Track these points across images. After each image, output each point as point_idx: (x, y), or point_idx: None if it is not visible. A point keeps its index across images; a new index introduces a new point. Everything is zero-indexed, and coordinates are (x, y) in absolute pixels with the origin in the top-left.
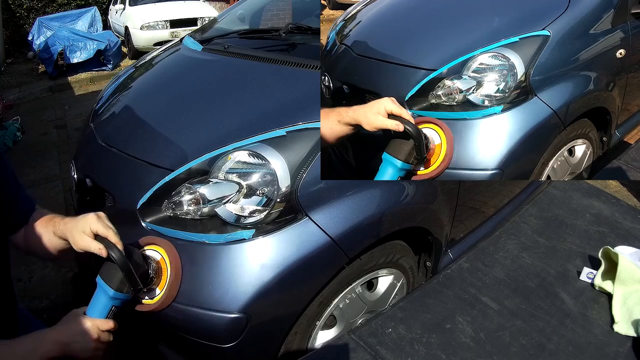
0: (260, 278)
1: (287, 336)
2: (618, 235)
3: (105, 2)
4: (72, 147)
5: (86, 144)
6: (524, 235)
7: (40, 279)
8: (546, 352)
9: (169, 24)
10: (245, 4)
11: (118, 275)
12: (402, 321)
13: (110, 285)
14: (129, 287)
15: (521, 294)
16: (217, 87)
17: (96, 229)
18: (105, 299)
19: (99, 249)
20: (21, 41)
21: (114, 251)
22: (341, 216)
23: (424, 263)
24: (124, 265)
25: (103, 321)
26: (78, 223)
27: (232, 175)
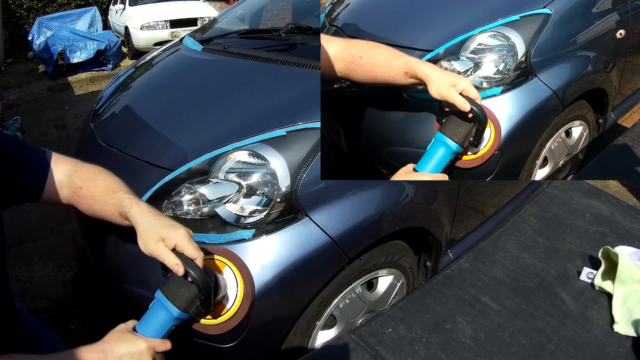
0: (260, 278)
1: (287, 336)
2: (618, 235)
3: (105, 2)
4: (72, 147)
5: (86, 144)
6: (524, 235)
7: (40, 279)
8: (546, 352)
9: (169, 24)
10: (245, 4)
11: (187, 295)
12: (402, 321)
13: (176, 305)
14: (197, 307)
15: (521, 294)
16: (217, 87)
17: (184, 248)
18: (166, 317)
19: (175, 264)
20: (21, 41)
21: (195, 271)
22: (341, 216)
23: (424, 263)
24: (205, 288)
25: (160, 342)
26: (162, 229)
27: (232, 175)
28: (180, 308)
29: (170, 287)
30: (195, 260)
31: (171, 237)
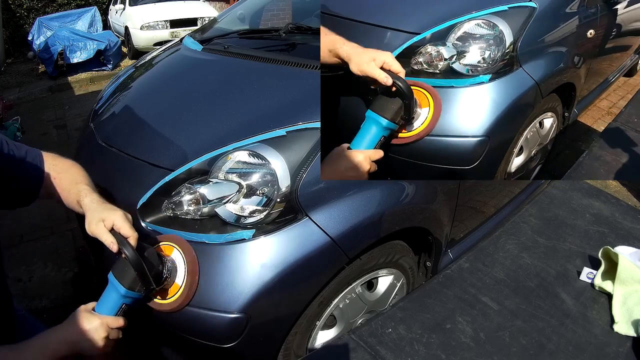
0: (260, 278)
1: (287, 336)
2: (618, 235)
3: (105, 2)
4: (72, 147)
5: (86, 144)
6: (524, 235)
7: (40, 279)
8: (546, 352)
9: (169, 24)
10: (245, 4)
11: (130, 273)
12: (402, 321)
13: (122, 283)
14: (141, 286)
15: (521, 294)
16: (217, 87)
17: (119, 227)
18: (116, 296)
19: (110, 242)
20: (21, 41)
21: (126, 248)
22: (341, 216)
23: (424, 263)
24: (136, 264)
25: (113, 319)
26: (103, 211)
27: (232, 175)
28: (125, 286)
29: (118, 268)
30: (129, 238)
31: (109, 218)
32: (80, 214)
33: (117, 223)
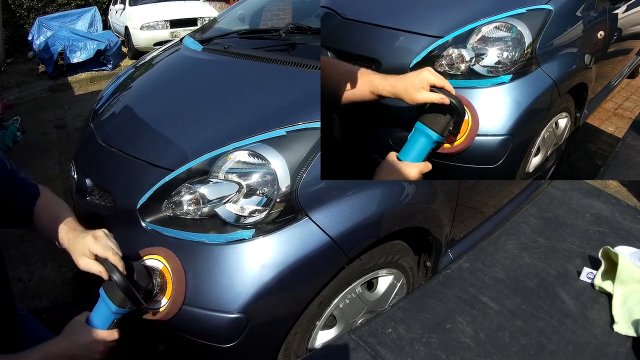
0: (260, 278)
1: (287, 336)
2: (618, 235)
3: (105, 2)
4: (72, 147)
5: (86, 144)
6: (524, 235)
7: (40, 279)
8: (546, 352)
9: (169, 24)
10: (245, 4)
11: (118, 292)
12: (402, 321)
13: (112, 301)
14: (131, 305)
15: (521, 294)
16: (217, 87)
17: (95, 252)
18: (107, 312)
19: (99, 272)
20: (21, 41)
21: (115, 275)
22: (341, 216)
23: (424, 263)
24: (125, 289)
25: (108, 333)
26: (77, 245)
27: (232, 175)
28: (116, 304)
29: (108, 285)
30: (116, 263)
31: (84, 249)
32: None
33: (93, 249)
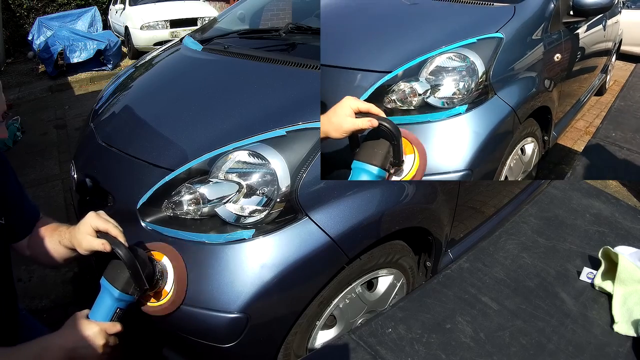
0: (260, 278)
1: (287, 336)
2: (618, 235)
3: (105, 2)
4: (72, 147)
5: (86, 144)
6: (524, 235)
7: (40, 279)
8: (546, 352)
9: (169, 24)
10: (245, 4)
11: (123, 275)
12: (402, 321)
13: (115, 286)
14: (134, 288)
15: (521, 294)
16: (217, 87)
17: (96, 225)
18: (110, 301)
19: (101, 244)
20: (21, 41)
21: (118, 247)
22: (341, 216)
23: (424, 263)
24: (129, 260)
25: (110, 325)
26: (79, 228)
27: (232, 175)
28: (119, 288)
29: (110, 271)
30: (117, 236)
31: (85, 227)
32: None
33: (94, 223)
